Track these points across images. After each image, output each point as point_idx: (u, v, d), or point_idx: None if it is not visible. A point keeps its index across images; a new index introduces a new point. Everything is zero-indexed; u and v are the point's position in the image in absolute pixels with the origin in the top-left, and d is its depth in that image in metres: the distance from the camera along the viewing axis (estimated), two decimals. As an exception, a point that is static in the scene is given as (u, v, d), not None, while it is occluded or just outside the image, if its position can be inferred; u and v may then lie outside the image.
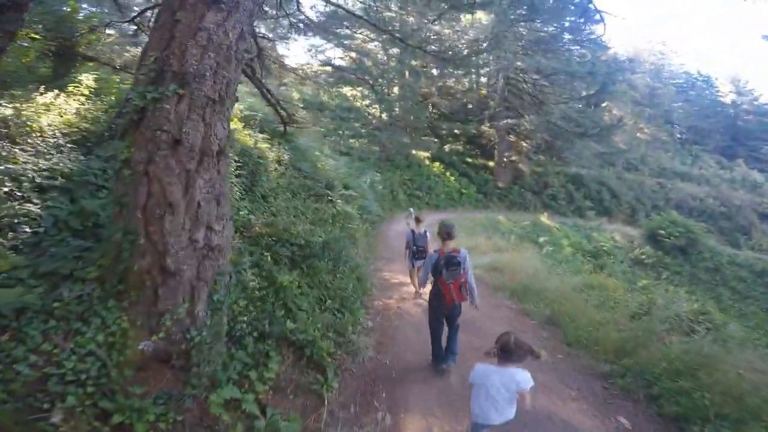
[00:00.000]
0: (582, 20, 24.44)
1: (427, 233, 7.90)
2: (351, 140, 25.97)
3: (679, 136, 40.15)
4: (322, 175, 10.34)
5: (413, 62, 26.25)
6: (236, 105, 11.75)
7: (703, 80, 51.21)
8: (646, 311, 7.18)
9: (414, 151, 28.38)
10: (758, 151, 46.77)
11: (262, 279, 4.97)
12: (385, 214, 20.01)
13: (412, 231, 7.91)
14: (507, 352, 3.08)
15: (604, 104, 28.05)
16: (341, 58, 31.02)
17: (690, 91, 48.65)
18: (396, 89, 27.46)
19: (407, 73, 26.88)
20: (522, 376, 3.04)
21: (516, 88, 29.23)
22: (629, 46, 46.89)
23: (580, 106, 27.06)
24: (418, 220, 8.23)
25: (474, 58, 24.75)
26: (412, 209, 20.52)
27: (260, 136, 9.34)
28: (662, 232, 28.51)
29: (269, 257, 5.44)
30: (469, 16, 28.12)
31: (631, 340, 5.90)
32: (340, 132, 26.06)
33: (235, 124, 9.22)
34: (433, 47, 25.61)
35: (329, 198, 9.36)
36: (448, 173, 29.15)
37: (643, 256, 25.20)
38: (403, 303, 7.61)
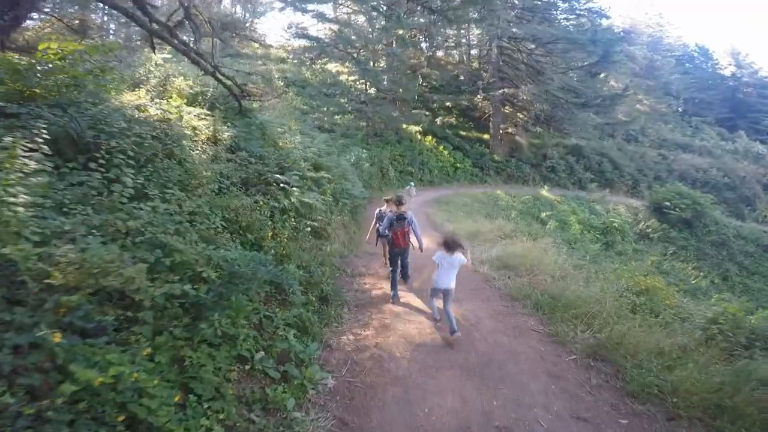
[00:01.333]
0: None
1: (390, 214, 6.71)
2: (336, 117, 23.26)
3: (678, 108, 37.71)
4: (279, 156, 7.80)
5: (399, 31, 23.38)
6: (184, 80, 9.39)
7: (702, 52, 48.54)
8: (720, 330, 5.00)
9: (404, 126, 25.75)
10: (759, 123, 44.62)
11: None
12: (373, 194, 17.64)
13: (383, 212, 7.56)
14: (449, 247, 5.03)
15: (603, 74, 25.31)
16: (321, 31, 28.21)
17: (688, 63, 46.07)
18: (383, 62, 24.56)
19: (393, 42, 23.97)
20: (460, 258, 5.08)
21: (511, 57, 26.50)
22: (626, 17, 43.99)
23: (576, 76, 24.35)
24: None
25: (470, 11, 21.71)
26: (412, 183, 18.83)
27: (196, 112, 6.87)
28: (668, 204, 26.56)
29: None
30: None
31: (726, 386, 3.73)
32: (324, 109, 23.35)
33: (175, 101, 6.88)
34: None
35: (281, 186, 6.83)
36: (441, 147, 26.64)
37: (649, 230, 23.07)
38: (385, 334, 5.02)
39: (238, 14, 41.09)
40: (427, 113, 27.53)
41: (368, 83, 22.71)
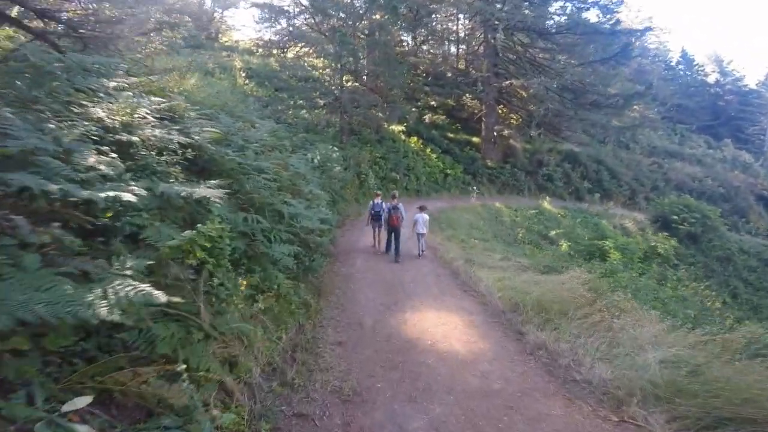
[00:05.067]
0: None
1: (383, 205, 8.77)
2: (302, 111, 17.79)
3: (664, 115, 34.31)
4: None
5: (376, 16, 18.36)
6: None
7: (686, 59, 45.66)
8: None
9: (386, 124, 20.53)
10: (742, 131, 41.85)
11: None
12: (349, 209, 12.31)
13: (377, 203, 8.83)
14: (421, 209, 8.72)
15: (614, 72, 20.89)
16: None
17: (676, 68, 43.01)
18: (364, 42, 19.36)
19: (377, 33, 18.87)
20: (425, 216, 8.62)
21: (510, 50, 21.69)
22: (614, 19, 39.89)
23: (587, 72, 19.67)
24: (378, 195, 9.16)
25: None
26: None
27: None
28: (675, 217, 22.79)
29: None
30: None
31: None
32: (292, 102, 17.98)
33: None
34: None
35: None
36: (428, 150, 21.50)
37: (660, 249, 18.63)
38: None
39: (207, 5, 36.09)
40: (414, 108, 22.34)
41: (345, 67, 17.29)
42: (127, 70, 5.52)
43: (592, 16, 19.88)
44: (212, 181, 3.53)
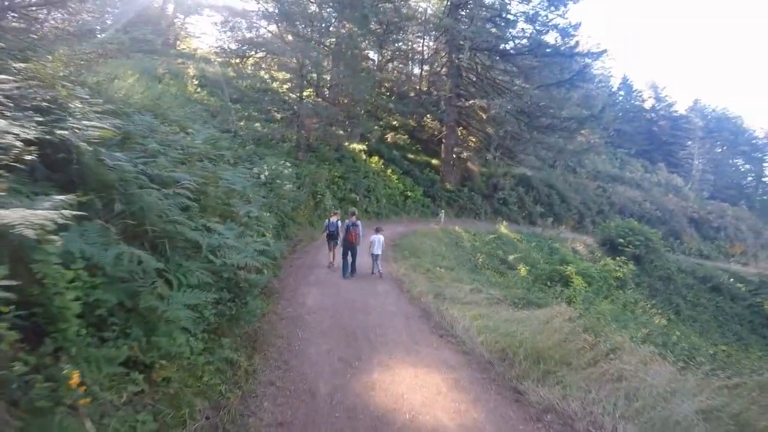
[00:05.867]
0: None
1: (338, 222, 8.80)
2: (256, 124, 16.22)
3: (607, 140, 36.21)
4: None
5: (343, 30, 17.47)
6: None
7: (628, 85, 49.12)
8: None
9: (347, 143, 19.41)
10: (674, 156, 45.14)
11: None
12: (301, 233, 10.85)
13: (332, 222, 8.82)
14: (378, 230, 8.71)
15: (568, 94, 21.41)
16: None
17: (617, 94, 45.93)
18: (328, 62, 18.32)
19: (344, 45, 17.95)
20: (382, 237, 8.61)
21: (472, 70, 21.63)
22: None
23: (544, 95, 19.89)
24: (335, 214, 9.03)
25: None
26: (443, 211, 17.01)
27: None
28: (621, 240, 23.56)
29: None
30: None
31: None
32: (246, 113, 16.46)
33: None
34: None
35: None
36: (389, 171, 20.58)
37: (619, 273, 18.79)
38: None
39: (168, 11, 33.79)
40: (377, 126, 21.42)
41: (306, 79, 16.00)
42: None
43: (551, 39, 20.34)
44: (62, 197, 2.11)
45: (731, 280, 26.70)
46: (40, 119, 3.01)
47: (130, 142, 4.21)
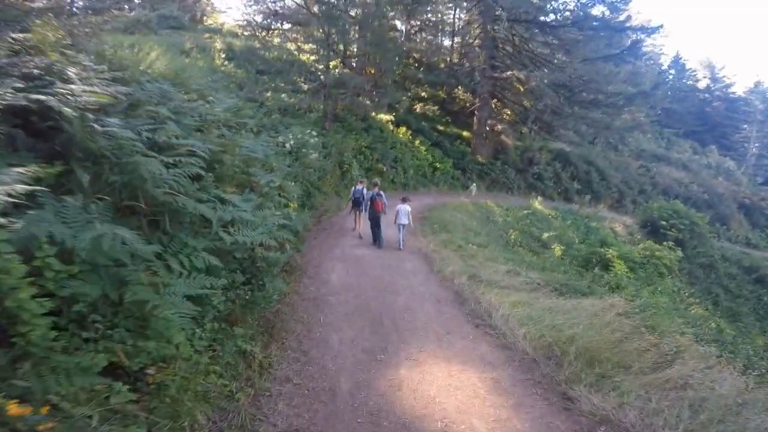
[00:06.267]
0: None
1: (364, 190, 8.75)
2: (282, 95, 15.66)
3: (653, 118, 33.35)
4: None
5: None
6: None
7: (680, 63, 44.86)
8: None
9: (374, 113, 18.63)
10: (727, 138, 41.42)
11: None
12: (327, 204, 10.44)
13: (358, 189, 8.76)
14: (404, 200, 8.46)
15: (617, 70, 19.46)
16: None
17: (667, 72, 42.09)
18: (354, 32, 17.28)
19: (370, 19, 16.76)
20: (408, 207, 8.34)
21: (510, 42, 19.99)
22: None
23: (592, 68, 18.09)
24: (362, 182, 8.91)
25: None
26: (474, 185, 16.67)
27: None
28: (664, 223, 22.03)
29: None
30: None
31: None
32: (272, 84, 15.97)
33: None
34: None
35: None
36: (417, 142, 19.70)
37: (666, 260, 17.55)
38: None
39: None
40: (405, 97, 20.41)
41: (333, 49, 15.17)
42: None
43: (596, 12, 18.34)
44: (20, 169, 1.65)
45: (778, 271, 25.05)
46: (21, 85, 2.55)
47: (138, 109, 3.74)
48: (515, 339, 4.40)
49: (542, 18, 19.32)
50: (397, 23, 24.63)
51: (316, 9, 15.75)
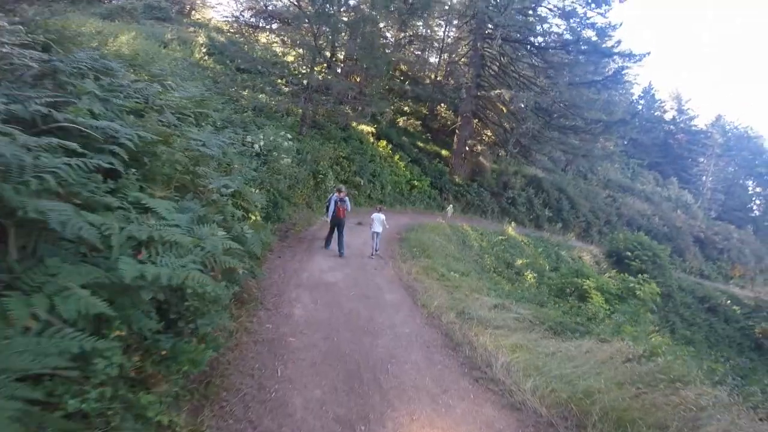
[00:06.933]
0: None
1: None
2: (261, 95, 14.51)
3: (621, 148, 34.45)
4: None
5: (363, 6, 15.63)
6: None
7: (650, 93, 46.85)
8: None
9: (354, 124, 17.77)
10: (687, 172, 43.35)
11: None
12: (297, 216, 9.35)
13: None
14: (379, 209, 8.91)
15: (596, 96, 19.72)
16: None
17: (637, 102, 43.77)
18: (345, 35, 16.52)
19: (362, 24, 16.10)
20: (383, 216, 8.64)
21: (497, 61, 19.90)
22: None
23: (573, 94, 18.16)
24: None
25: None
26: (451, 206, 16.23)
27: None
28: (629, 254, 22.42)
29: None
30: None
31: None
32: (251, 83, 14.84)
33: None
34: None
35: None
36: (396, 157, 18.98)
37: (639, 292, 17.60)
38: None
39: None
40: (389, 109, 19.72)
41: (320, 49, 14.24)
42: None
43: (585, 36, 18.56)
44: None
45: (728, 302, 25.65)
46: None
47: (50, 79, 2.64)
48: (523, 396, 3.57)
49: (531, 39, 19.42)
50: (388, 33, 24.32)
51: (308, 6, 14.95)
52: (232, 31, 21.98)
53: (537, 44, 17.97)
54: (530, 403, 3.51)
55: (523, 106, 16.77)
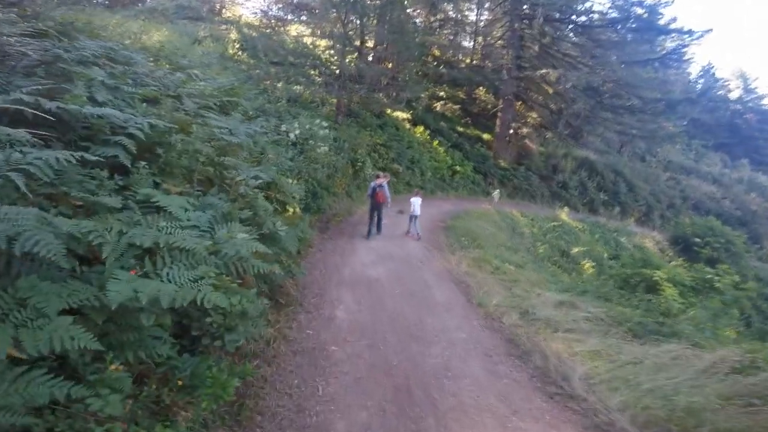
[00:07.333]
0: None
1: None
2: (296, 87, 14.32)
3: (681, 129, 31.22)
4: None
5: None
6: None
7: (710, 72, 42.57)
8: None
9: (389, 111, 17.20)
10: (759, 152, 38.92)
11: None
12: (338, 206, 9.02)
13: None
14: (416, 194, 8.99)
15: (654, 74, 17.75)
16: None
17: (696, 81, 39.86)
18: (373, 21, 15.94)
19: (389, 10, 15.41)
20: (420, 199, 8.75)
21: (538, 41, 18.44)
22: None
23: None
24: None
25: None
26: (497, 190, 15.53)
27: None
28: (698, 240, 20.16)
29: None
30: None
31: None
32: (284, 75, 14.71)
33: None
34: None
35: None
36: (435, 143, 18.19)
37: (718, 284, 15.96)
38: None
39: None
40: (425, 93, 18.96)
41: (350, 38, 13.80)
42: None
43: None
44: None
45: (814, 294, 23.26)
46: None
47: (52, 68, 2.32)
48: (610, 416, 2.89)
49: (573, 17, 17.84)
50: (417, 20, 23.36)
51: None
52: (261, 26, 22.16)
53: (582, 22, 16.35)
54: (620, 423, 2.83)
55: (570, 86, 15.31)
